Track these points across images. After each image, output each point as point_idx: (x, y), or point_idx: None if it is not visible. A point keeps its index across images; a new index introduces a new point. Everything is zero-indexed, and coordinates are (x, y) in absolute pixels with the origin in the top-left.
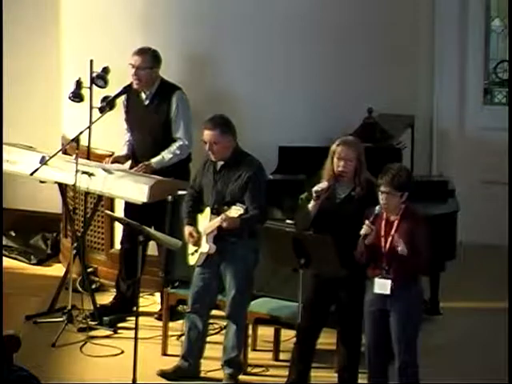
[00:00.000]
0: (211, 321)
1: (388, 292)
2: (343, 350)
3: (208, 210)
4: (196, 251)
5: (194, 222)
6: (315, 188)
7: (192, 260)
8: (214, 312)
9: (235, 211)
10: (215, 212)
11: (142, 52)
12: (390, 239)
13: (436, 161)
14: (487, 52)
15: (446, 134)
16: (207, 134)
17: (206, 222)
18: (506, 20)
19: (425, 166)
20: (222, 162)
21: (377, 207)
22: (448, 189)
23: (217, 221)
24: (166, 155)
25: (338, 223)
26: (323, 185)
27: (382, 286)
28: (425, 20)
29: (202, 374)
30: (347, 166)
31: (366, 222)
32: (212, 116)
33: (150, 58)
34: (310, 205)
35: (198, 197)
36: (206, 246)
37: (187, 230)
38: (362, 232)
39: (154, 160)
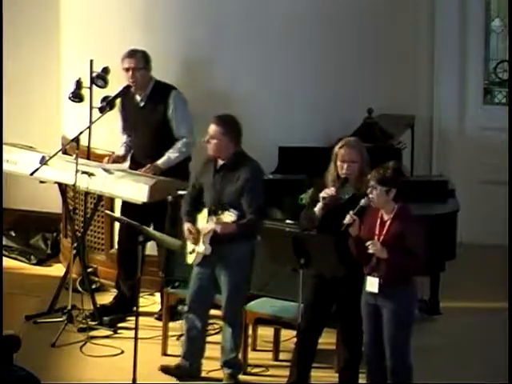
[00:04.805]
0: (211, 321)
1: (376, 290)
2: (344, 350)
3: (206, 211)
4: (193, 250)
5: (193, 221)
6: (322, 194)
7: (190, 259)
8: (214, 312)
9: (229, 217)
10: (213, 213)
11: (133, 54)
12: (382, 238)
13: (436, 161)
14: (487, 52)
15: (446, 134)
16: (210, 128)
17: (204, 222)
18: (506, 20)
19: (425, 166)
20: (221, 162)
21: (363, 200)
22: (448, 189)
23: (211, 224)
24: (173, 154)
25: (342, 224)
26: (330, 191)
27: (372, 284)
28: (425, 20)
29: (202, 374)
30: (351, 167)
31: (350, 212)
32: (223, 114)
33: (142, 58)
34: (317, 208)
35: (198, 196)
36: (202, 247)
37: (186, 226)
38: (345, 221)
39: (160, 161)
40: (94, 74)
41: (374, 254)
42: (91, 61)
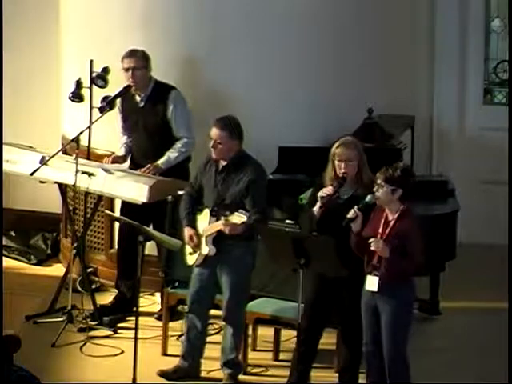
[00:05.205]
0: (211, 321)
1: (375, 289)
2: (344, 350)
3: (207, 212)
4: (195, 251)
5: (192, 224)
6: (320, 193)
7: (190, 260)
8: (214, 312)
9: (238, 218)
10: (214, 214)
11: (133, 53)
12: (385, 237)
13: (436, 161)
14: (487, 52)
15: (446, 134)
16: (214, 133)
17: (205, 223)
18: (506, 20)
19: (425, 166)
20: (224, 163)
21: (368, 196)
22: (448, 189)
23: (218, 225)
24: (172, 154)
25: (341, 224)
26: (328, 190)
27: (371, 282)
28: (425, 20)
29: (202, 374)
30: (349, 167)
31: (355, 207)
32: (224, 116)
33: (142, 58)
34: (315, 208)
35: (197, 196)
36: (205, 248)
37: (187, 232)
38: (348, 216)
39: (160, 161)
40: (94, 74)
41: (376, 252)
42: (91, 61)
